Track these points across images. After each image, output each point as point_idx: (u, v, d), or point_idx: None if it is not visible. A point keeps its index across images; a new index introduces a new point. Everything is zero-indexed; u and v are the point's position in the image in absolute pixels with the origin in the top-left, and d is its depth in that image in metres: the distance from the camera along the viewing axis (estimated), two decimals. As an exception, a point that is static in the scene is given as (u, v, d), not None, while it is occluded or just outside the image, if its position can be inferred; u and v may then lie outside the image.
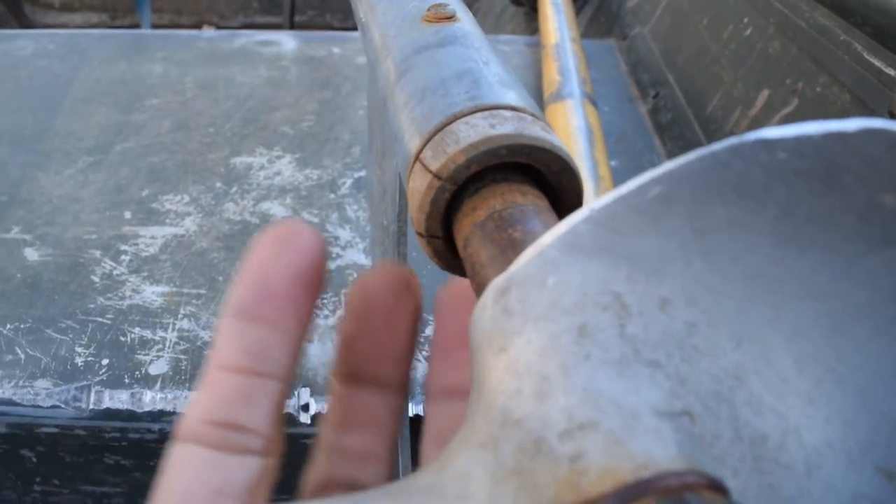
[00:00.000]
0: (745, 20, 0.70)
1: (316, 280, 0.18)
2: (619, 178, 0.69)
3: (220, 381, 0.17)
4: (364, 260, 0.56)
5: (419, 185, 0.20)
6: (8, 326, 0.49)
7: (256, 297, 0.17)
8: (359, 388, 0.21)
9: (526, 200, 0.19)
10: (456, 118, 0.20)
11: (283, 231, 0.18)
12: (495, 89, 0.22)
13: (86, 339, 0.48)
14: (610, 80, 0.89)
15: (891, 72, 0.47)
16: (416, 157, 0.20)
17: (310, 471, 0.21)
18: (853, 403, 0.15)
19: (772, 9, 0.65)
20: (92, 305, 0.51)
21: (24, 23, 1.86)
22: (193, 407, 0.17)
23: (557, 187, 0.21)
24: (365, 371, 0.21)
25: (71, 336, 0.49)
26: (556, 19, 0.90)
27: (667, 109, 0.78)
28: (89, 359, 0.47)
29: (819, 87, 0.55)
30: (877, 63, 0.49)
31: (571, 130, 0.63)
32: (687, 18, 0.83)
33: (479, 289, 0.18)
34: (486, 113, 0.20)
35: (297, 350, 0.18)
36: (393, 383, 0.21)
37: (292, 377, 0.18)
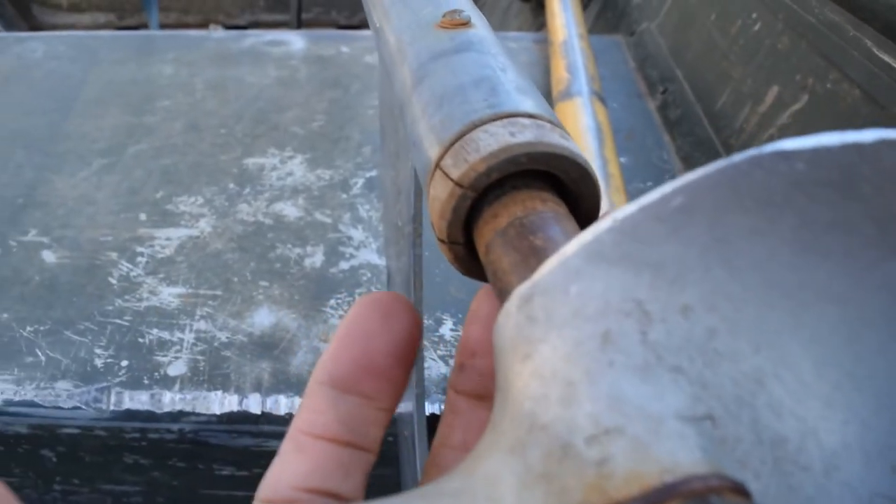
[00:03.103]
0: (754, 15, 0.70)
1: (411, 358, 0.18)
2: (628, 174, 0.69)
3: (314, 447, 0.17)
4: (378, 260, 0.56)
5: (440, 193, 0.20)
6: (28, 329, 0.50)
7: (357, 371, 0.18)
8: (485, 407, 0.20)
9: (546, 207, 0.19)
10: (475, 126, 0.21)
11: (385, 304, 0.18)
12: (513, 96, 0.22)
13: (105, 341, 0.49)
14: (618, 76, 0.89)
15: (901, 68, 0.47)
16: (437, 165, 0.21)
17: None
18: (871, 406, 0.16)
19: (780, 4, 0.65)
20: (110, 307, 0.52)
21: (33, 24, 1.87)
22: (283, 470, 0.17)
23: (576, 193, 0.21)
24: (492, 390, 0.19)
25: (90, 338, 0.49)
26: (564, 16, 0.91)
27: (676, 105, 0.79)
28: (108, 360, 0.48)
29: (829, 83, 0.55)
30: (887, 59, 0.49)
31: (581, 128, 0.64)
32: (694, 14, 0.83)
33: (501, 294, 0.19)
34: (506, 121, 0.21)
35: (387, 425, 0.19)
36: None
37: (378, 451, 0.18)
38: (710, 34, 0.78)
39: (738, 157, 0.14)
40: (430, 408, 0.44)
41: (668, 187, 0.14)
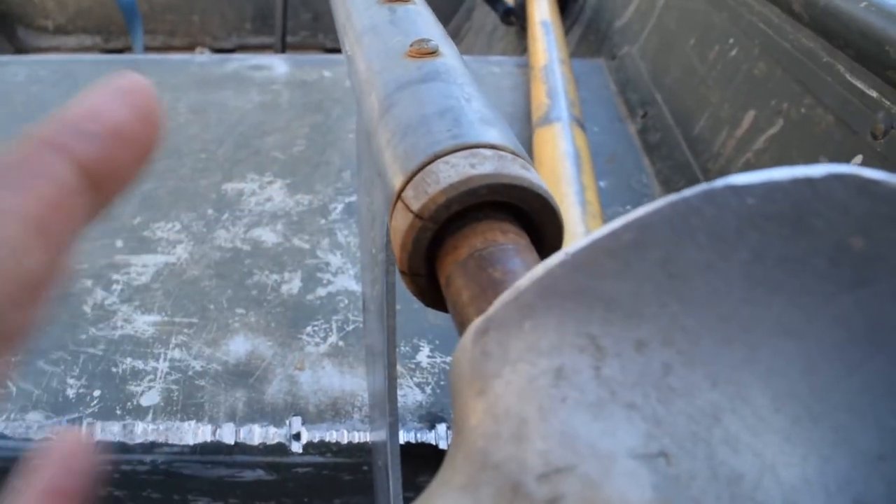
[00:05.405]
0: (731, 41, 0.71)
1: None
2: (608, 198, 0.69)
3: None
4: (355, 286, 0.56)
5: (401, 225, 0.20)
6: (-1, 358, 0.49)
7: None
8: None
9: (506, 239, 0.19)
10: (437, 157, 0.21)
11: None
12: (476, 127, 0.22)
13: (77, 371, 0.48)
14: (599, 99, 0.90)
15: (873, 93, 0.48)
16: (399, 196, 0.21)
17: None
18: (830, 440, 0.16)
19: (757, 30, 0.66)
20: (83, 336, 0.51)
21: (18, 46, 1.86)
22: None
23: (538, 223, 0.21)
24: None
25: (63, 368, 0.49)
26: (545, 40, 0.91)
27: (655, 129, 0.79)
28: (81, 390, 0.47)
29: (804, 108, 0.55)
30: (859, 85, 0.49)
31: (559, 154, 0.64)
32: (674, 39, 0.84)
33: (461, 328, 0.19)
34: (467, 152, 0.21)
35: None
36: None
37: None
38: (689, 59, 0.78)
39: (688, 192, 0.14)
40: (406, 436, 0.44)
41: (619, 222, 0.14)
